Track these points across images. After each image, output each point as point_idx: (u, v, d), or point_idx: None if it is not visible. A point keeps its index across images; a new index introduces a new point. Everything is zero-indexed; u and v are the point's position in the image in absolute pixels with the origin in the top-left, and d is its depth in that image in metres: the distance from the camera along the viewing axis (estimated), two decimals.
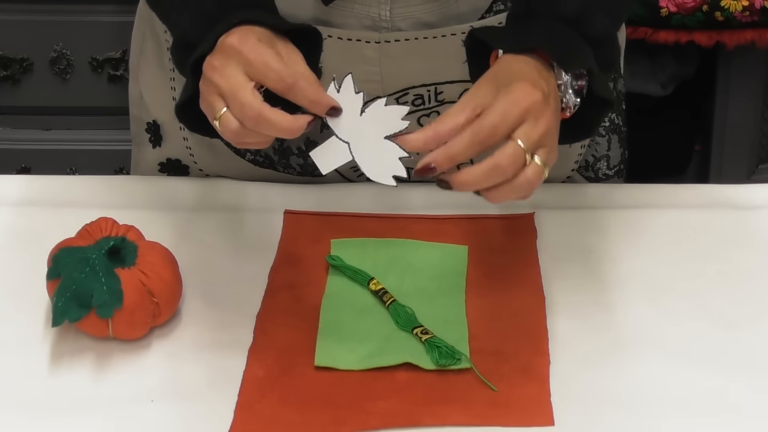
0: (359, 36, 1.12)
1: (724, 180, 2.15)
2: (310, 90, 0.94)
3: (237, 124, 0.94)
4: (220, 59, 0.95)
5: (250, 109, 0.93)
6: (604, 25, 1.00)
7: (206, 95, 0.96)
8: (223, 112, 0.94)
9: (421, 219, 1.18)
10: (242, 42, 0.94)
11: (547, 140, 0.93)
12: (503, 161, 0.91)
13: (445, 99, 1.16)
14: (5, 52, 2.15)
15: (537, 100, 0.92)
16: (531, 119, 0.92)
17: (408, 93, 1.16)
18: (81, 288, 1.01)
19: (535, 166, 0.93)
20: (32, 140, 2.25)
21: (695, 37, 1.99)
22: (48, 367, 1.02)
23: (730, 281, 1.11)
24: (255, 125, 0.93)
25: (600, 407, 0.98)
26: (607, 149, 1.27)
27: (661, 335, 1.05)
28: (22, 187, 1.23)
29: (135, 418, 0.97)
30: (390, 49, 1.12)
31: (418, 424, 0.96)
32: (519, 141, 0.91)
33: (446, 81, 1.15)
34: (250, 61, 0.94)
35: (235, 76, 0.94)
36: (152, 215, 1.18)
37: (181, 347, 1.04)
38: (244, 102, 0.93)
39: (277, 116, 0.93)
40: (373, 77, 1.14)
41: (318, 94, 0.94)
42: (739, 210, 1.20)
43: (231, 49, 0.95)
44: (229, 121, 0.94)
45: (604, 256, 1.14)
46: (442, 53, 1.12)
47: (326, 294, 1.09)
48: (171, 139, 1.27)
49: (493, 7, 1.12)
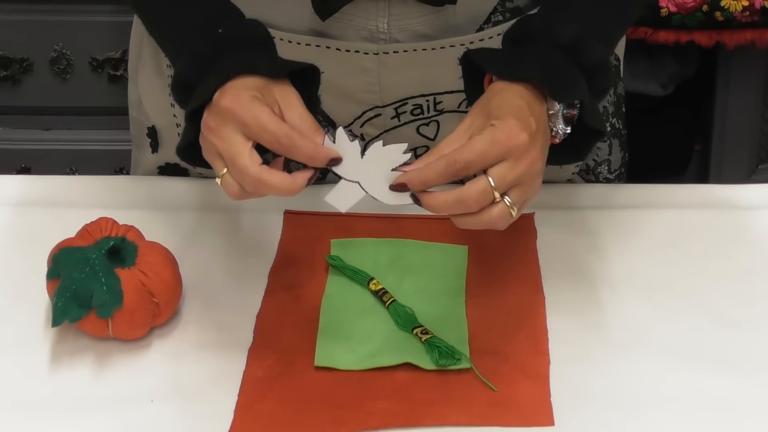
0: (357, 47, 1.11)
1: (724, 180, 2.15)
2: (307, 147, 0.93)
3: (237, 188, 0.95)
4: (216, 121, 0.95)
5: (248, 176, 0.93)
6: (599, 53, 1.00)
7: (206, 153, 0.97)
8: (224, 174, 0.95)
9: (421, 219, 1.18)
10: (236, 103, 0.94)
11: (526, 179, 0.93)
12: (469, 197, 0.92)
13: (444, 108, 1.16)
14: (5, 52, 2.15)
15: (520, 142, 0.92)
16: (511, 159, 0.92)
17: (407, 103, 1.15)
18: (81, 288, 1.01)
19: (501, 207, 0.93)
20: (32, 140, 2.25)
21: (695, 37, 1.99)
22: (48, 367, 1.02)
23: (729, 281, 1.11)
24: (255, 189, 0.94)
25: (600, 407, 0.98)
26: (608, 153, 1.27)
27: (660, 335, 1.05)
28: (22, 187, 1.23)
29: (135, 418, 0.97)
30: (388, 60, 1.12)
31: (418, 424, 0.96)
32: (491, 179, 0.92)
33: (445, 91, 1.15)
34: (246, 123, 0.94)
35: (231, 138, 0.94)
36: (152, 215, 1.18)
37: (181, 347, 1.04)
38: (242, 168, 0.93)
39: (275, 179, 0.94)
40: (371, 87, 1.14)
41: (315, 150, 0.94)
42: (739, 210, 1.20)
43: (225, 111, 0.94)
44: (229, 184, 0.95)
45: (603, 256, 1.14)
46: (440, 64, 1.12)
47: (326, 294, 1.09)
48: (169, 144, 1.27)
49: (491, 18, 1.12)
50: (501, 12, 1.12)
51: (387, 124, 1.18)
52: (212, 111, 0.96)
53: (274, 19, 1.11)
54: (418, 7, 1.10)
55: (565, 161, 1.03)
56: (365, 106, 1.16)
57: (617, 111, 1.27)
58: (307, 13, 1.10)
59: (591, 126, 0.98)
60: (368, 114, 1.17)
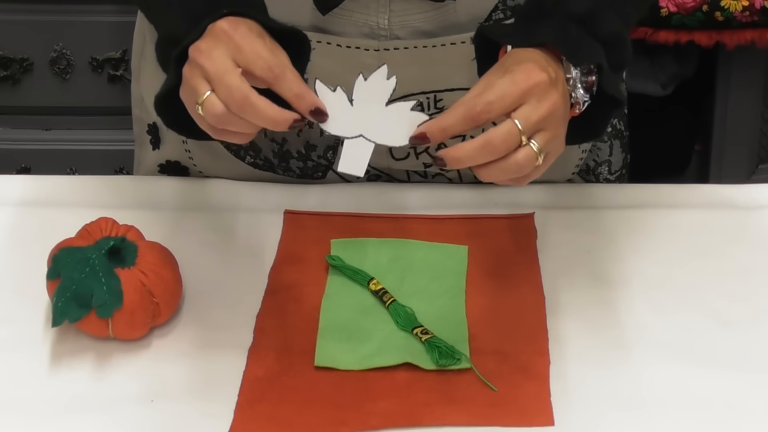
0: (358, 44, 1.11)
1: (724, 180, 2.15)
2: (296, 83, 0.92)
3: (222, 108, 0.91)
4: (209, 42, 0.93)
5: (237, 91, 0.90)
6: (614, 25, 0.98)
7: (190, 79, 0.93)
8: (208, 95, 0.92)
9: (421, 219, 1.18)
10: (233, 28, 0.93)
11: (550, 124, 0.91)
12: (495, 138, 0.89)
13: (444, 106, 1.16)
14: (5, 52, 2.15)
15: (541, 80, 0.91)
16: (533, 100, 0.90)
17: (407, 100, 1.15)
18: (81, 288, 1.01)
19: (527, 149, 0.90)
20: (32, 140, 2.25)
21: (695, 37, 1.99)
22: (48, 367, 1.02)
23: (730, 281, 1.11)
24: (240, 110, 0.91)
25: (600, 407, 0.98)
26: (609, 154, 1.27)
27: (660, 335, 1.05)
28: (22, 187, 1.23)
29: (135, 418, 0.97)
30: (389, 57, 1.12)
31: (418, 424, 0.96)
32: (516, 121, 0.89)
33: (446, 89, 1.15)
34: (240, 47, 0.92)
35: (222, 59, 0.92)
36: (152, 215, 1.18)
37: (181, 347, 1.04)
38: (231, 84, 0.91)
39: (263, 103, 0.91)
40: None
41: (304, 89, 0.92)
42: (739, 210, 1.20)
43: (221, 33, 0.93)
44: (213, 104, 0.91)
45: (604, 256, 1.14)
46: (441, 62, 1.12)
47: (326, 294, 1.09)
48: (170, 141, 1.27)
49: (492, 16, 1.12)
50: (502, 10, 1.12)
51: None
52: (205, 35, 0.94)
53: (275, 14, 1.11)
54: (418, 3, 1.10)
55: (584, 137, 1.01)
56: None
57: None
58: (308, 9, 1.10)
59: (610, 93, 0.96)
60: None
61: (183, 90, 0.95)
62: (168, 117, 0.99)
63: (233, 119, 0.92)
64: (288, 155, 1.22)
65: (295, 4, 1.10)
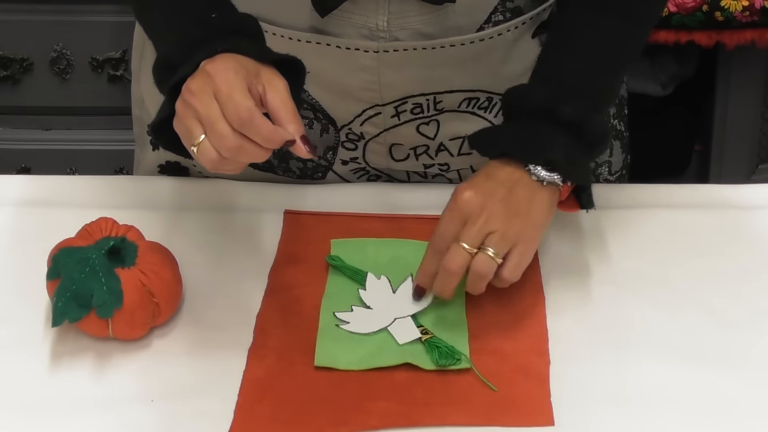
0: (357, 45, 1.11)
1: (724, 180, 2.15)
2: (264, 128, 0.93)
3: (215, 155, 0.94)
4: (198, 84, 0.95)
5: (229, 140, 0.93)
6: (574, 114, 1.05)
7: (183, 118, 0.96)
8: (201, 140, 0.94)
9: (421, 219, 1.18)
10: (218, 70, 0.95)
11: (492, 227, 1.02)
12: (447, 263, 1.02)
13: (444, 108, 1.16)
14: (5, 52, 2.15)
15: (466, 199, 1.03)
16: (470, 222, 1.02)
17: (407, 102, 1.15)
18: (81, 288, 1.01)
19: (481, 257, 1.01)
20: (32, 140, 2.25)
21: (695, 37, 1.98)
22: (48, 367, 1.02)
23: (730, 281, 1.11)
24: (234, 156, 0.94)
25: (600, 407, 0.98)
26: (609, 155, 1.27)
27: (660, 335, 1.05)
28: (22, 187, 1.23)
29: (135, 418, 0.97)
30: (388, 58, 1.12)
31: (418, 424, 0.96)
32: (461, 242, 1.02)
33: (445, 90, 1.15)
34: (218, 90, 0.94)
35: (213, 104, 0.94)
36: (152, 215, 1.18)
37: (181, 347, 1.04)
38: (223, 133, 0.93)
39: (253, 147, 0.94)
40: (371, 86, 1.14)
41: (271, 132, 0.94)
42: (739, 210, 1.20)
43: (207, 76, 0.95)
44: (207, 150, 0.94)
45: (604, 256, 1.14)
46: (440, 63, 1.12)
47: (326, 294, 1.09)
48: None
49: (492, 17, 1.11)
50: (501, 12, 1.12)
51: (387, 123, 1.17)
52: (196, 76, 0.96)
53: (274, 15, 1.11)
54: (417, 5, 1.09)
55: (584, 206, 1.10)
56: (365, 104, 1.16)
57: (619, 113, 1.27)
58: (307, 10, 1.10)
59: (573, 180, 1.07)
60: (368, 112, 1.16)
61: (177, 125, 0.97)
62: (165, 141, 1.01)
63: (226, 163, 0.95)
64: (288, 155, 1.22)
65: (294, 6, 1.10)
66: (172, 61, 1.00)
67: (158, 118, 1.00)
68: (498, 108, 1.17)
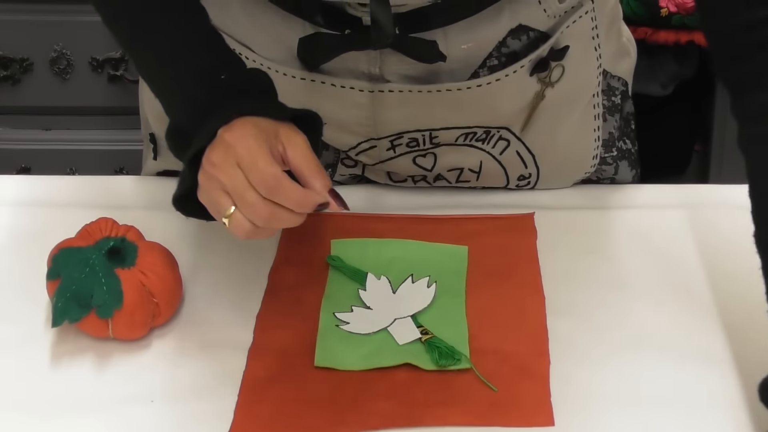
0: (351, 84, 1.10)
1: (724, 180, 2.15)
2: (294, 192, 0.92)
3: (249, 225, 0.93)
4: (219, 155, 0.93)
5: (262, 209, 0.92)
6: None
7: (209, 191, 0.94)
8: (233, 212, 0.93)
9: (421, 219, 1.18)
10: (238, 138, 0.93)
11: None
12: None
13: (440, 142, 1.15)
14: (5, 52, 2.15)
15: None
16: None
17: (402, 137, 1.14)
18: (81, 288, 1.01)
19: None
20: (32, 140, 2.25)
21: (695, 37, 1.98)
22: (48, 367, 1.02)
23: (730, 281, 1.11)
24: (268, 224, 0.93)
25: (600, 407, 0.98)
26: (614, 173, 1.25)
27: (660, 335, 1.05)
28: (22, 187, 1.23)
29: (135, 418, 0.97)
30: (382, 98, 1.10)
31: (418, 425, 0.96)
32: None
33: (441, 127, 1.13)
34: (241, 160, 0.92)
35: (239, 175, 0.92)
36: (152, 215, 1.18)
37: (181, 347, 1.04)
38: (254, 203, 0.91)
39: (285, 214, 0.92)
40: (365, 122, 1.12)
41: (301, 196, 0.93)
42: (739, 210, 1.20)
43: (226, 145, 0.93)
44: (240, 221, 0.93)
45: (604, 256, 1.14)
46: (435, 104, 1.10)
47: (326, 294, 1.09)
48: (167, 153, 1.26)
49: (486, 62, 1.10)
50: (496, 57, 1.10)
51: (383, 155, 1.17)
52: (216, 146, 0.94)
53: (268, 52, 1.10)
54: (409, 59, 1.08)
55: None
56: (360, 138, 1.15)
57: (624, 132, 1.25)
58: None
59: None
60: (363, 145, 1.15)
61: (203, 198, 0.95)
62: (187, 210, 1.00)
63: (260, 231, 0.93)
64: None
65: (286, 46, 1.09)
66: (185, 127, 0.98)
67: (179, 192, 0.98)
68: (496, 139, 1.15)
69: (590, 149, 1.21)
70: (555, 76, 1.13)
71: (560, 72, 1.13)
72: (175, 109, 1.01)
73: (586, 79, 1.17)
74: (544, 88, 1.13)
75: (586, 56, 1.16)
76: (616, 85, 1.22)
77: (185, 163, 0.97)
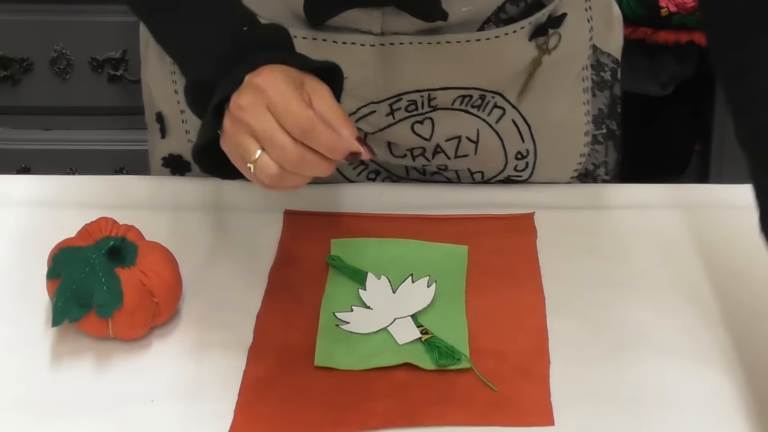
0: (353, 39, 1.11)
1: (724, 180, 2.15)
2: (327, 136, 0.91)
3: (276, 168, 0.91)
4: (249, 99, 0.92)
5: (291, 152, 0.90)
6: None
7: (235, 135, 0.92)
8: (259, 155, 0.91)
9: (421, 219, 1.18)
10: (269, 82, 0.92)
11: None
12: None
13: (438, 105, 1.16)
14: (5, 52, 2.15)
15: None
16: None
17: (401, 99, 1.15)
18: (81, 288, 1.01)
19: None
20: (32, 140, 2.25)
21: (695, 37, 1.99)
22: (48, 367, 1.02)
23: (729, 281, 1.11)
24: (297, 168, 0.91)
25: (600, 407, 0.98)
26: (605, 155, 1.27)
27: (660, 335, 1.05)
28: (22, 187, 1.23)
29: (135, 418, 0.97)
30: (385, 52, 1.11)
31: (418, 424, 0.96)
32: None
33: (439, 87, 1.14)
34: (274, 103, 0.91)
35: (269, 117, 0.91)
36: (152, 215, 1.18)
37: (181, 347, 1.04)
38: (284, 145, 0.90)
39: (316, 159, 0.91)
40: (367, 81, 1.13)
41: (336, 140, 0.91)
42: (739, 210, 1.20)
43: (256, 89, 0.92)
44: (267, 165, 0.91)
45: (604, 256, 1.14)
46: (437, 59, 1.12)
47: (326, 294, 1.09)
48: (174, 132, 1.26)
49: (485, 27, 1.11)
50: (494, 22, 1.12)
51: (381, 122, 1.17)
52: (244, 90, 0.92)
53: (265, 12, 1.10)
54: (410, 18, 1.09)
55: None
56: (360, 102, 1.15)
57: (612, 112, 1.27)
58: (302, 11, 1.10)
59: None
60: (363, 110, 1.16)
61: (226, 145, 0.94)
62: (206, 165, 0.98)
63: (288, 176, 0.92)
64: None
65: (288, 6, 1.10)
66: (208, 80, 0.96)
67: (201, 141, 0.96)
68: (491, 106, 1.17)
69: (581, 124, 1.23)
70: (552, 43, 1.15)
71: (557, 39, 1.15)
72: (196, 63, 0.99)
73: (578, 48, 1.20)
74: (541, 54, 1.14)
75: (580, 25, 1.18)
76: (605, 61, 1.24)
77: (209, 112, 0.95)
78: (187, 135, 1.25)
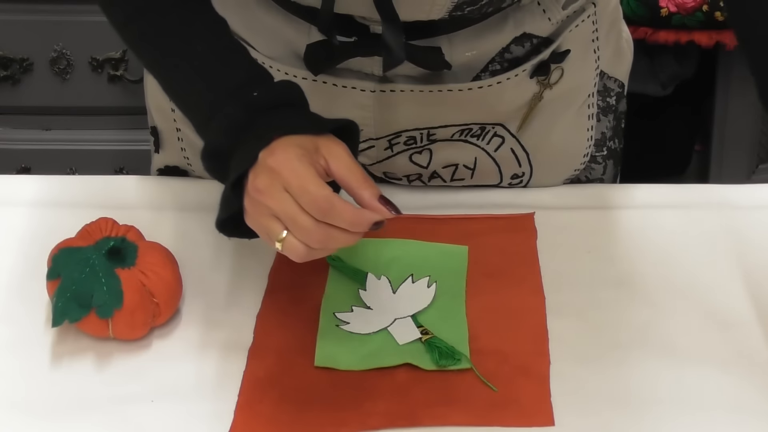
0: (354, 84, 1.10)
1: (724, 180, 2.15)
2: (347, 212, 0.91)
3: (304, 249, 0.91)
4: (266, 182, 0.91)
5: (315, 232, 0.90)
6: None
7: (258, 217, 0.92)
8: (285, 236, 0.91)
9: (421, 219, 1.18)
10: (283, 164, 0.91)
11: None
12: None
13: (436, 138, 1.15)
14: (5, 52, 2.15)
15: None
16: None
17: (401, 135, 1.14)
18: (81, 288, 1.01)
19: None
20: (32, 140, 2.25)
21: (695, 37, 1.99)
22: (48, 367, 1.02)
23: (729, 281, 1.11)
24: (323, 246, 0.91)
25: (600, 407, 0.98)
26: (602, 173, 1.26)
27: (660, 335, 1.05)
28: (22, 187, 1.23)
29: (135, 418, 0.97)
30: (385, 98, 1.10)
31: (418, 425, 0.96)
32: None
33: (440, 125, 1.13)
34: (289, 184, 0.90)
35: (287, 199, 0.91)
36: (152, 215, 1.18)
37: (181, 347, 1.04)
38: (306, 226, 0.90)
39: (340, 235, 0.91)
40: (366, 122, 1.12)
41: (357, 215, 0.91)
42: (739, 210, 1.20)
43: (272, 171, 0.91)
44: (294, 245, 0.91)
45: (604, 256, 1.14)
46: (437, 104, 1.11)
47: (326, 294, 1.09)
48: (168, 147, 1.26)
49: (489, 67, 1.10)
50: (499, 62, 1.11)
51: (380, 155, 1.17)
52: (259, 171, 0.92)
53: (267, 50, 1.10)
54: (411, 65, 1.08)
55: None
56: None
57: (616, 133, 1.26)
58: (303, 50, 1.09)
59: None
60: (362, 145, 1.15)
61: (252, 223, 0.94)
62: (230, 232, 0.98)
63: (316, 252, 0.92)
64: None
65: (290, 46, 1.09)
66: (221, 149, 0.96)
67: (223, 216, 0.96)
68: (491, 135, 1.16)
69: (582, 148, 1.22)
70: (554, 78, 1.13)
71: (559, 74, 1.13)
72: (208, 128, 0.98)
73: (583, 80, 1.18)
74: (542, 89, 1.13)
75: (585, 58, 1.16)
76: (612, 86, 1.22)
77: (228, 188, 0.95)
78: (183, 152, 1.24)
